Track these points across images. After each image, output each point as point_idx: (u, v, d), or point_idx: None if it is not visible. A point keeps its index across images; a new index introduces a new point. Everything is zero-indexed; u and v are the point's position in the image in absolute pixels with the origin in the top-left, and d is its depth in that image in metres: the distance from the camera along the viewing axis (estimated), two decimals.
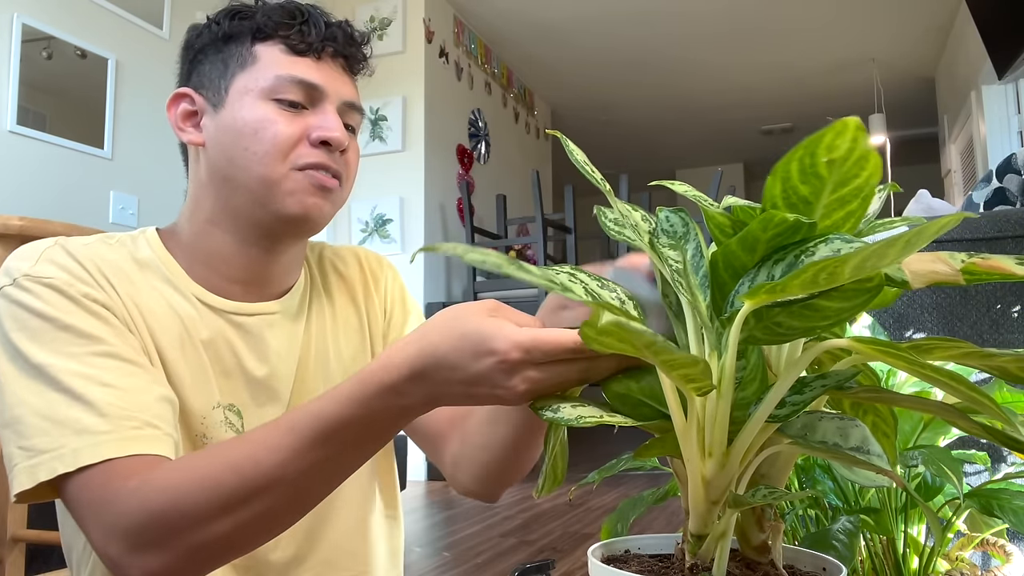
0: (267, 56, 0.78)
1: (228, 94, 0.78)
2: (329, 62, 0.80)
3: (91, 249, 0.75)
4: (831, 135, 0.44)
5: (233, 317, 0.81)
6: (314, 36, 0.78)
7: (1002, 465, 1.21)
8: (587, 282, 0.57)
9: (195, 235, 0.81)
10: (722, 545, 0.51)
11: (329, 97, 0.79)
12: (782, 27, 5.10)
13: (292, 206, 0.77)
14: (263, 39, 0.78)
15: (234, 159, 0.77)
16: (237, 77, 0.78)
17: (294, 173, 0.76)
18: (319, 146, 0.77)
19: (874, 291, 0.45)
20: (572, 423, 0.49)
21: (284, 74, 0.77)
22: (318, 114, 0.78)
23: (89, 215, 2.86)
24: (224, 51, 0.80)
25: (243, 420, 0.80)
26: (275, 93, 0.76)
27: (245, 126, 0.76)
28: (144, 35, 3.15)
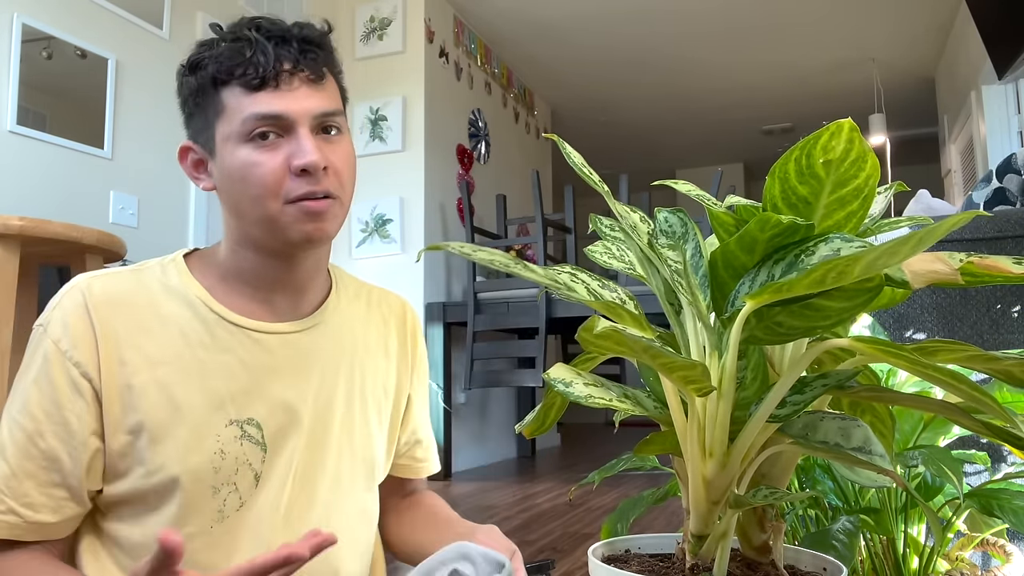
0: (231, 100, 0.81)
1: (216, 143, 0.83)
2: (288, 83, 0.81)
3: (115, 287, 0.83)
4: (826, 136, 0.44)
5: (253, 334, 0.87)
6: (265, 66, 0.80)
7: (1002, 465, 1.21)
8: (588, 282, 0.57)
9: (230, 254, 0.88)
10: (723, 545, 0.51)
11: (297, 121, 0.81)
12: (782, 27, 5.10)
13: (294, 235, 0.82)
14: (223, 84, 0.82)
15: (238, 201, 0.83)
16: (217, 126, 0.83)
17: (288, 207, 0.81)
18: (301, 175, 0.81)
19: (875, 291, 0.45)
20: (580, 400, 0.48)
21: (248, 114, 0.80)
22: (292, 141, 0.81)
23: (89, 215, 2.85)
24: (201, 103, 0.84)
25: (263, 431, 0.85)
26: (247, 134, 0.80)
27: (235, 172, 0.82)
28: (144, 35, 3.15)
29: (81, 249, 1.64)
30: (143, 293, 0.84)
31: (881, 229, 0.56)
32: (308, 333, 0.91)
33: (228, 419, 0.83)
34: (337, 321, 0.94)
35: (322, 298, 0.94)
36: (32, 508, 0.78)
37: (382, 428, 0.98)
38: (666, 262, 0.52)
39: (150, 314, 0.83)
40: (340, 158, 0.84)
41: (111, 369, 0.80)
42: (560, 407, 0.63)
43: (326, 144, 0.83)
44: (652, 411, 0.53)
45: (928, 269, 0.48)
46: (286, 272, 0.88)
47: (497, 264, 0.47)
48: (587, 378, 0.51)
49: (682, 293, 0.50)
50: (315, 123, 0.83)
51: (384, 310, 1.02)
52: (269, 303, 0.89)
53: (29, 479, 0.78)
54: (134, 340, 0.82)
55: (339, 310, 0.95)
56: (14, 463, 0.78)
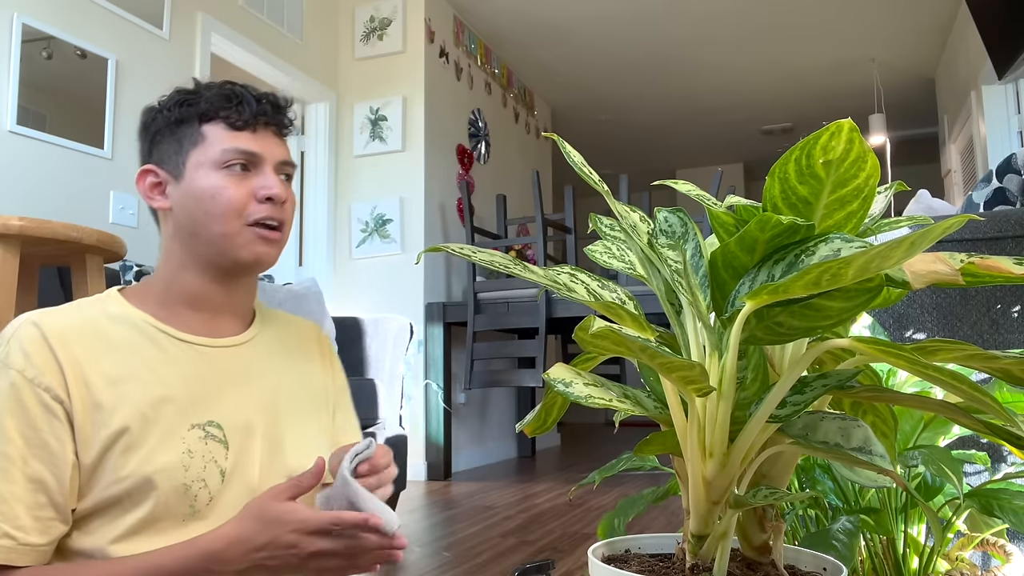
0: (213, 134, 0.96)
1: (186, 167, 0.96)
2: (263, 132, 0.98)
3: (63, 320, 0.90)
4: (826, 136, 0.44)
5: (199, 348, 0.97)
6: (248, 113, 0.97)
7: (1002, 465, 1.21)
8: (588, 282, 0.57)
9: (170, 278, 0.99)
10: (723, 545, 0.51)
11: (267, 160, 0.97)
12: (782, 27, 5.10)
13: (246, 255, 0.96)
14: (208, 120, 0.96)
15: (197, 219, 0.95)
16: (191, 153, 0.96)
17: (246, 228, 0.95)
18: (265, 202, 0.96)
19: (875, 291, 0.45)
20: (580, 400, 0.48)
21: (229, 147, 0.95)
22: (260, 176, 0.97)
23: (89, 215, 2.85)
24: (178, 132, 0.97)
25: (224, 431, 0.94)
26: (223, 163, 0.95)
27: (204, 193, 0.94)
28: (144, 35, 3.15)
29: (81, 249, 1.64)
30: (90, 323, 0.92)
31: (881, 229, 0.56)
32: (248, 346, 1.02)
33: (190, 423, 0.91)
34: (267, 337, 1.06)
35: (251, 319, 1.07)
36: (23, 530, 0.83)
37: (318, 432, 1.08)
38: (666, 262, 0.52)
39: (101, 340, 0.91)
40: (290, 199, 1.00)
41: (79, 391, 0.86)
42: (560, 407, 0.64)
43: (284, 185, 0.99)
44: (652, 411, 0.53)
45: (929, 270, 0.48)
46: (225, 295, 1.00)
47: (496, 265, 0.47)
48: (587, 378, 0.51)
49: (682, 293, 0.50)
50: (278, 167, 0.99)
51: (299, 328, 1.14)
52: (208, 323, 0.99)
53: (18, 502, 0.83)
54: (94, 363, 0.89)
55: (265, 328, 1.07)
56: (2, 488, 0.83)
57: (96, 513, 0.87)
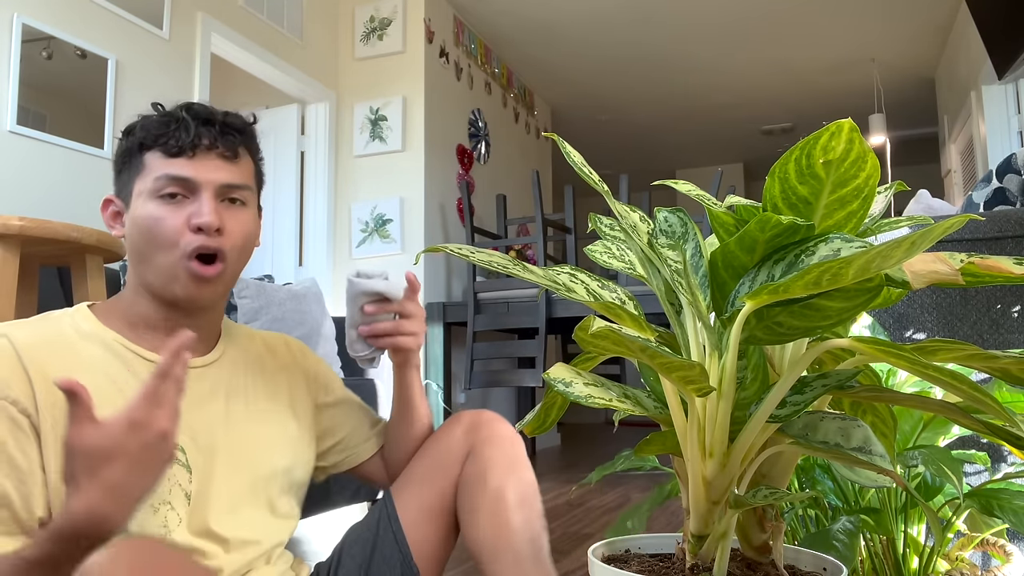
0: (151, 162, 0.95)
1: (132, 197, 0.95)
2: (203, 156, 0.95)
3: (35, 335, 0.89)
4: (826, 136, 0.44)
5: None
6: (184, 139, 0.94)
7: (1002, 465, 1.21)
8: (588, 283, 0.57)
9: (131, 301, 0.98)
10: (723, 545, 0.51)
11: (203, 186, 0.94)
12: (782, 27, 5.10)
13: (179, 292, 0.94)
14: (147, 149, 0.95)
15: (139, 249, 0.94)
16: (135, 183, 0.95)
17: (182, 262, 0.93)
18: (197, 232, 0.93)
19: (875, 291, 0.45)
20: (580, 400, 0.48)
21: (161, 174, 0.93)
22: (195, 203, 0.94)
23: (89, 215, 2.85)
24: (127, 162, 0.97)
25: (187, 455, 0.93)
26: (158, 191, 0.93)
27: (142, 222, 0.93)
28: (144, 35, 3.15)
29: (81, 249, 1.64)
30: (61, 338, 0.92)
31: (881, 229, 0.56)
32: (213, 366, 1.02)
33: None
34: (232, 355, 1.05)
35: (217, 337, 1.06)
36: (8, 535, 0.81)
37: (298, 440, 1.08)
38: (666, 262, 0.52)
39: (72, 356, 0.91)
40: (236, 224, 0.96)
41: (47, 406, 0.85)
42: (560, 407, 0.64)
43: (226, 211, 0.95)
44: (652, 411, 0.53)
45: (929, 269, 0.48)
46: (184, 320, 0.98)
47: (495, 265, 0.47)
48: (587, 378, 0.51)
49: (682, 293, 0.50)
50: (220, 192, 0.95)
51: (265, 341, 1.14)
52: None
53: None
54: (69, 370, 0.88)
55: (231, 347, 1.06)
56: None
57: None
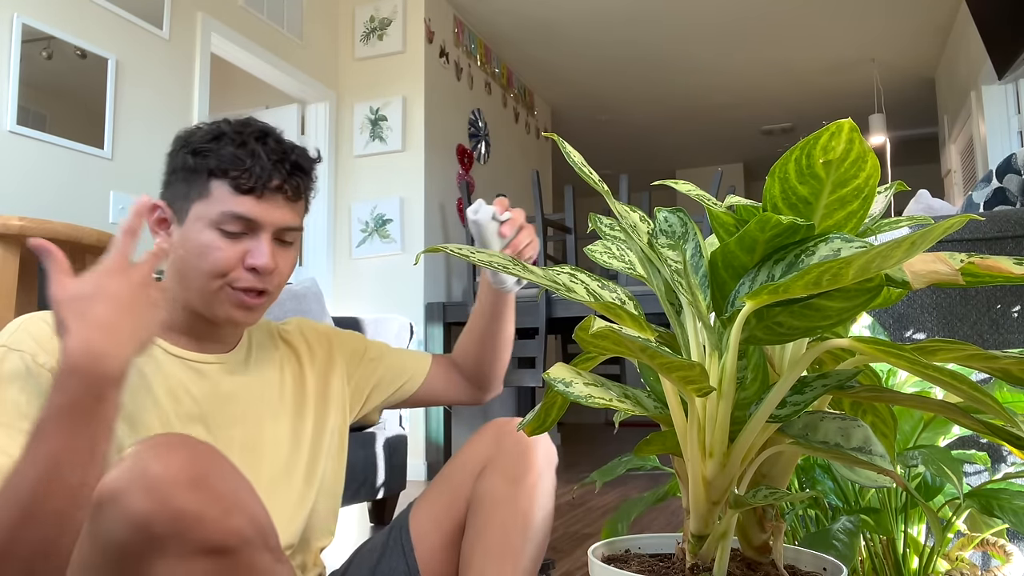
0: (218, 192, 0.94)
1: (188, 216, 0.96)
2: (270, 196, 0.95)
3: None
4: (826, 136, 0.44)
5: (195, 364, 0.99)
6: (256, 178, 0.94)
7: (1002, 465, 1.21)
8: (588, 283, 0.57)
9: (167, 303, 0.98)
10: (723, 545, 0.51)
11: (265, 228, 0.95)
12: (782, 27, 5.10)
13: (221, 314, 0.96)
14: (216, 177, 0.94)
15: (186, 268, 0.95)
16: (195, 204, 0.95)
17: (227, 289, 0.95)
18: (251, 270, 0.95)
19: (875, 291, 0.45)
20: (580, 400, 0.48)
21: (227, 210, 0.93)
22: (254, 241, 0.95)
23: (89, 215, 2.85)
24: (189, 179, 0.96)
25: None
26: (220, 224, 0.94)
27: (195, 247, 0.94)
28: (144, 35, 3.15)
29: (81, 249, 1.64)
30: None
31: (881, 229, 0.56)
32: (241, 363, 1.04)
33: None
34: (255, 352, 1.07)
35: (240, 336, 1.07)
36: None
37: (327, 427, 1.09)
38: (666, 262, 0.52)
39: None
40: (286, 265, 0.99)
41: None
42: (560, 407, 0.63)
43: (279, 251, 0.98)
44: (652, 411, 0.53)
45: (929, 270, 0.48)
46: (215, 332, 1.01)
47: (495, 265, 0.47)
48: (587, 378, 0.51)
49: (682, 293, 0.50)
50: (277, 232, 0.97)
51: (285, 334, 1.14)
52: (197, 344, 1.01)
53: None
54: None
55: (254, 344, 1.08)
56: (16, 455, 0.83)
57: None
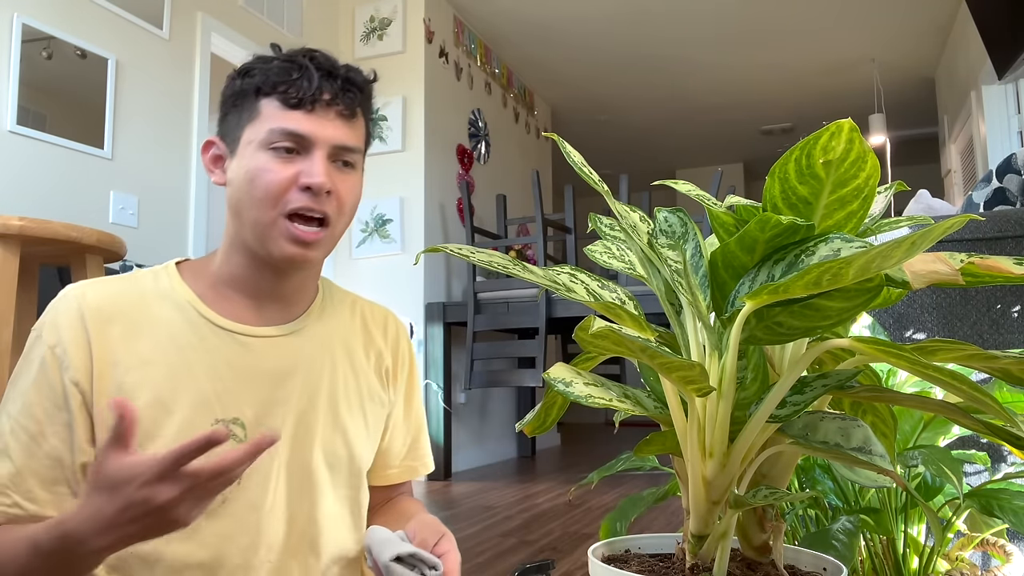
0: (267, 110, 0.88)
1: (240, 144, 0.89)
2: (322, 111, 0.89)
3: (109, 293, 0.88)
4: (826, 136, 0.44)
5: (239, 337, 0.91)
6: (306, 90, 0.87)
7: (1002, 465, 1.21)
8: (588, 283, 0.57)
9: (224, 260, 0.93)
10: (723, 545, 0.51)
11: (318, 144, 0.88)
12: (782, 27, 5.09)
13: (276, 252, 0.88)
14: (265, 95, 0.88)
15: (241, 200, 0.88)
16: (246, 129, 0.89)
17: (281, 220, 0.87)
18: (305, 191, 0.87)
19: (875, 291, 0.45)
20: (580, 400, 0.48)
21: (276, 127, 0.87)
22: (307, 160, 0.87)
23: (89, 215, 2.85)
24: (239, 105, 0.91)
25: (246, 431, 0.89)
26: (270, 143, 0.87)
27: (247, 173, 0.87)
28: (144, 35, 3.15)
29: (81, 249, 1.64)
30: (135, 297, 0.89)
31: (881, 229, 0.56)
32: (292, 337, 0.95)
33: (214, 418, 0.87)
34: (320, 327, 0.98)
35: (308, 306, 0.99)
36: (35, 503, 0.82)
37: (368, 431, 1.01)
38: (666, 262, 0.52)
39: (141, 316, 0.88)
40: (346, 188, 0.90)
41: (103, 372, 0.84)
42: (560, 407, 0.64)
43: (337, 173, 0.89)
44: (652, 411, 0.53)
45: (929, 270, 0.48)
46: (274, 282, 0.93)
47: (495, 265, 0.47)
48: (587, 378, 0.51)
49: (682, 293, 0.50)
50: (333, 152, 0.89)
51: (367, 318, 1.06)
52: (257, 309, 0.93)
53: (33, 476, 0.82)
54: (127, 342, 0.86)
55: (322, 317, 1.00)
56: (20, 462, 0.82)
57: None
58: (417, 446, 1.11)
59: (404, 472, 1.10)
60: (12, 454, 0.82)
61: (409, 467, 1.10)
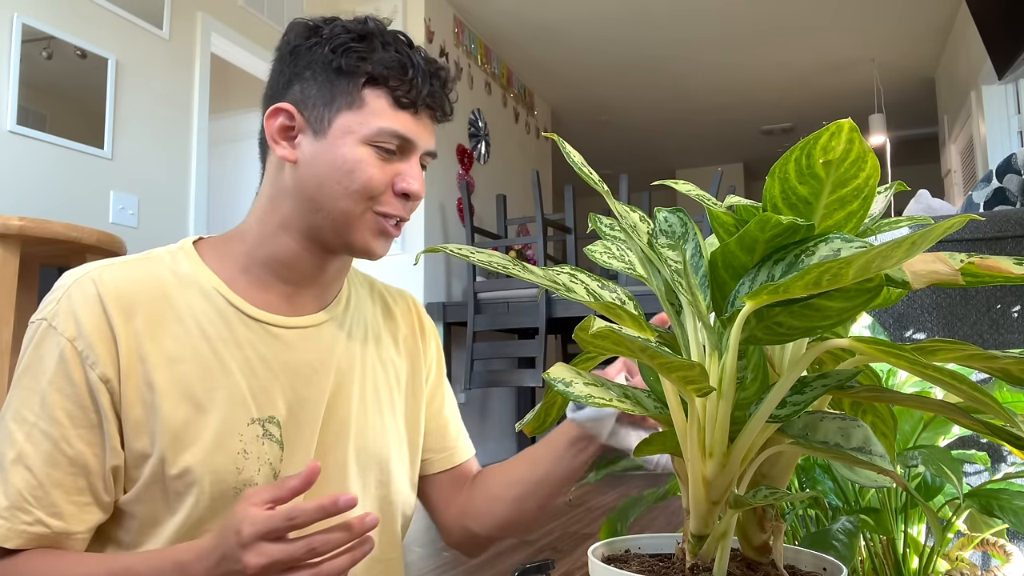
0: (374, 103, 0.83)
1: (331, 127, 0.83)
2: (424, 114, 0.87)
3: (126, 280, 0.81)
4: (826, 136, 0.44)
5: (272, 328, 0.86)
6: (417, 93, 0.84)
7: (1002, 465, 1.21)
8: (588, 283, 0.57)
9: (263, 236, 0.87)
10: (723, 545, 0.51)
11: (418, 149, 0.86)
12: (782, 27, 5.09)
13: (359, 241, 0.85)
14: (374, 85, 0.83)
15: (324, 186, 0.83)
16: (343, 114, 0.83)
17: (370, 214, 0.84)
18: (402, 196, 0.85)
19: (875, 291, 0.45)
20: (581, 400, 0.48)
21: (387, 127, 0.83)
22: (405, 163, 0.85)
23: (89, 215, 2.85)
24: (334, 83, 0.84)
25: (282, 430, 0.84)
26: (375, 140, 0.83)
27: (344, 163, 0.82)
28: (144, 35, 3.15)
29: (81, 249, 1.64)
30: (156, 283, 0.82)
31: (881, 229, 0.56)
32: (325, 327, 0.90)
33: (250, 417, 0.82)
34: (351, 315, 0.95)
35: (336, 293, 0.95)
36: (60, 518, 0.75)
37: (396, 422, 0.97)
38: (666, 262, 0.52)
39: (166, 306, 0.81)
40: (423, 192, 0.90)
41: (132, 366, 0.77)
42: (560, 407, 0.64)
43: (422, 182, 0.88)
44: (652, 411, 0.53)
45: (929, 270, 0.48)
46: (318, 266, 0.89)
47: (494, 266, 0.47)
48: (587, 378, 0.51)
49: (682, 293, 0.50)
50: (423, 158, 0.88)
51: (390, 302, 1.03)
52: (290, 296, 0.89)
53: (56, 488, 0.75)
54: (153, 335, 0.79)
55: (352, 304, 0.96)
56: (40, 472, 0.75)
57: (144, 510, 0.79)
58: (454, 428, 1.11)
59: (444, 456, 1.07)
60: (30, 463, 0.75)
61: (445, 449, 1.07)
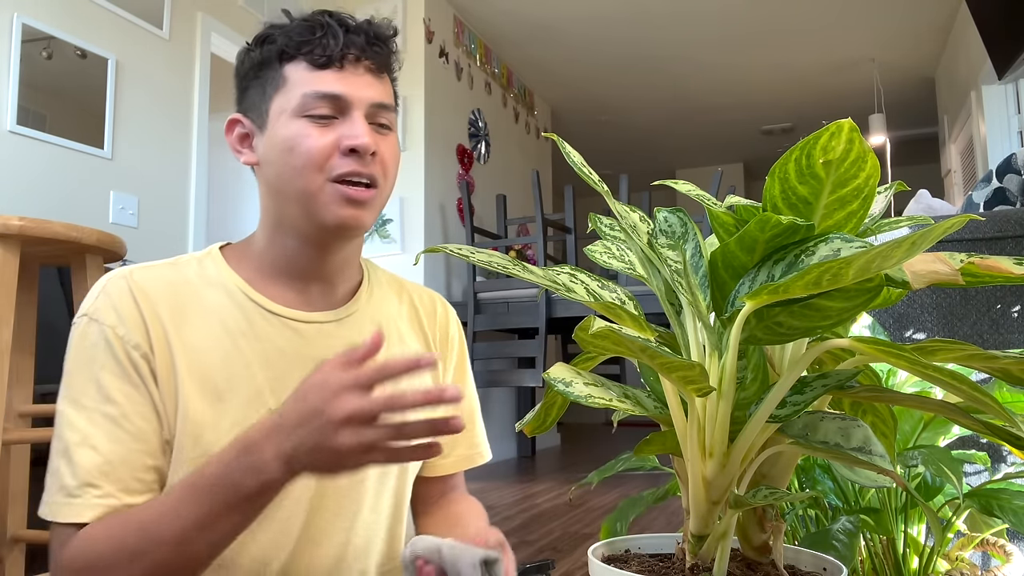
0: (294, 75, 0.83)
1: (269, 116, 0.84)
2: (352, 68, 0.84)
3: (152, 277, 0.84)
4: (826, 136, 0.44)
5: (290, 323, 0.87)
6: (333, 48, 0.82)
7: (1002, 465, 1.21)
8: (588, 283, 0.57)
9: (266, 243, 0.89)
10: (723, 545, 0.51)
11: (354, 104, 0.83)
12: (782, 27, 5.09)
13: (328, 217, 0.83)
14: (288, 59, 0.84)
15: (280, 174, 0.83)
16: (274, 99, 0.84)
17: (329, 185, 0.82)
18: (349, 154, 0.82)
19: (875, 291, 0.45)
20: (580, 400, 0.48)
21: (309, 91, 0.82)
22: (346, 123, 0.83)
23: (89, 215, 2.85)
24: (261, 76, 0.86)
25: None
26: (304, 110, 0.82)
27: (284, 143, 0.82)
28: (144, 35, 3.15)
29: (81, 249, 1.63)
30: (183, 282, 0.85)
31: (881, 229, 0.56)
32: (344, 323, 0.91)
33: (267, 408, 0.82)
34: (370, 312, 0.94)
35: (354, 289, 0.94)
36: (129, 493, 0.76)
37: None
38: (666, 262, 0.52)
39: (191, 301, 0.84)
40: (387, 149, 0.86)
41: (162, 352, 0.80)
42: (560, 407, 0.64)
43: (376, 134, 0.85)
44: (652, 411, 0.53)
45: (929, 270, 0.48)
46: (319, 261, 0.88)
47: (494, 266, 0.47)
48: (587, 378, 0.51)
49: (682, 293, 0.50)
50: (370, 111, 0.84)
51: (416, 303, 1.02)
52: (304, 293, 0.89)
53: (123, 464, 0.77)
54: (177, 327, 0.82)
55: (372, 301, 0.96)
56: (106, 450, 0.76)
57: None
58: (471, 433, 1.05)
59: (458, 462, 1.03)
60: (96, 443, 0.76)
61: (464, 456, 1.04)
